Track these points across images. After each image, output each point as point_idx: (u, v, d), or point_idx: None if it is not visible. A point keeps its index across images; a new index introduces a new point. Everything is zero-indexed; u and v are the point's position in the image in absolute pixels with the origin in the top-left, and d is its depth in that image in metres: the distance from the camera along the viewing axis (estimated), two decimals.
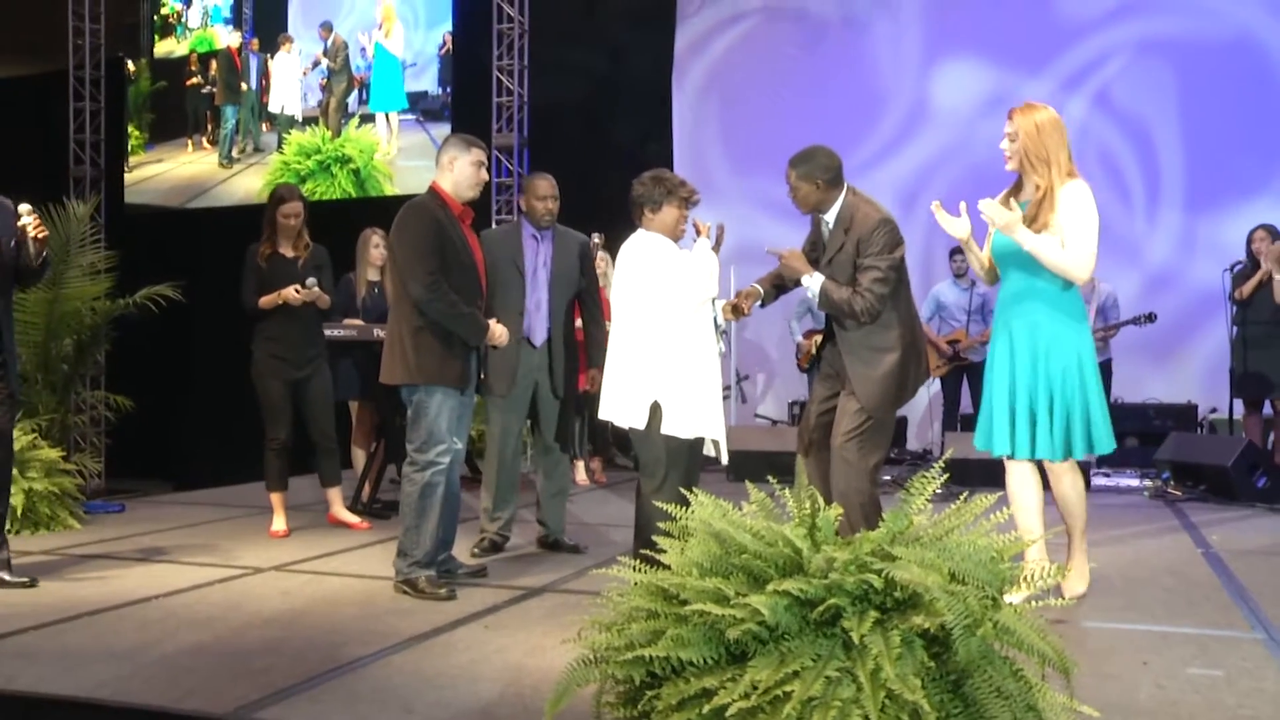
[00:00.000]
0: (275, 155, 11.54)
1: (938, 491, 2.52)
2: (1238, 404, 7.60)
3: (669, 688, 2.22)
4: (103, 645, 3.57)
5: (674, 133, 10.55)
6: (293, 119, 11.49)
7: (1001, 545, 2.39)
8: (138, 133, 12.27)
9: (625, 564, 2.49)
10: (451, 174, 4.38)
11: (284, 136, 11.49)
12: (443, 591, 4.22)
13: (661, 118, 10.54)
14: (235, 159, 11.78)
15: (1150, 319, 7.77)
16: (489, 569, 4.69)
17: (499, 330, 4.44)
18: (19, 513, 5.51)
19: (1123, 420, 8.23)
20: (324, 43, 11.33)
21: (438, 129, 10.61)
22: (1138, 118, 9.10)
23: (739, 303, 4.39)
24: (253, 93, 11.72)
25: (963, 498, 2.51)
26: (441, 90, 10.85)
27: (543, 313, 5.09)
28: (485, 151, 4.49)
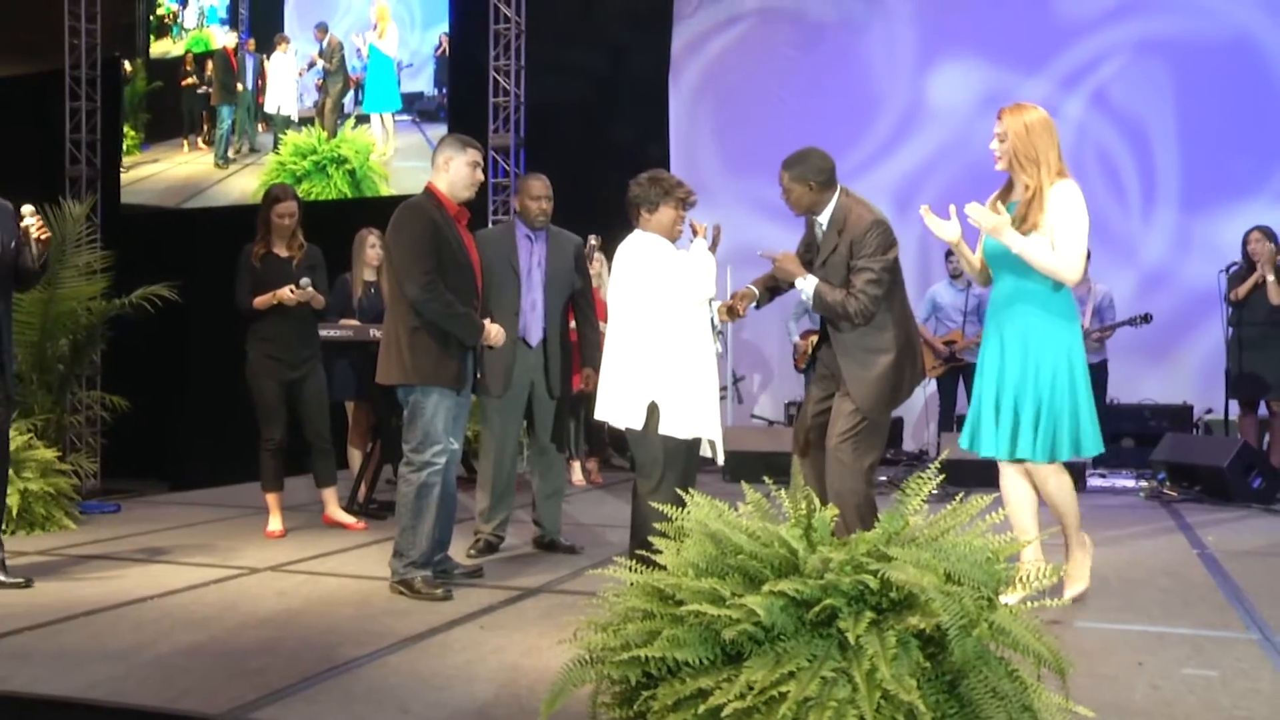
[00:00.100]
0: (271, 156, 11.54)
1: (933, 492, 2.52)
2: (1233, 405, 7.61)
3: (665, 688, 2.23)
4: (98, 645, 3.57)
5: (670, 133, 10.56)
6: (289, 119, 11.49)
7: (997, 546, 2.39)
8: (133, 133, 12.26)
9: (621, 564, 2.49)
10: (447, 174, 4.38)
11: (280, 137, 11.49)
12: (439, 592, 4.22)
13: (658, 119, 10.53)
14: (231, 159, 11.78)
15: (1146, 320, 7.78)
16: (485, 569, 4.69)
17: (495, 330, 4.44)
18: (14, 513, 5.50)
19: (1119, 421, 8.27)
20: (319, 44, 11.32)
21: (433, 130, 10.61)
22: (1135, 118, 9.11)
23: (734, 304, 4.40)
24: (248, 93, 11.72)
25: (958, 498, 2.51)
26: (437, 91, 10.85)
27: (538, 313, 5.09)
28: (481, 152, 4.49)
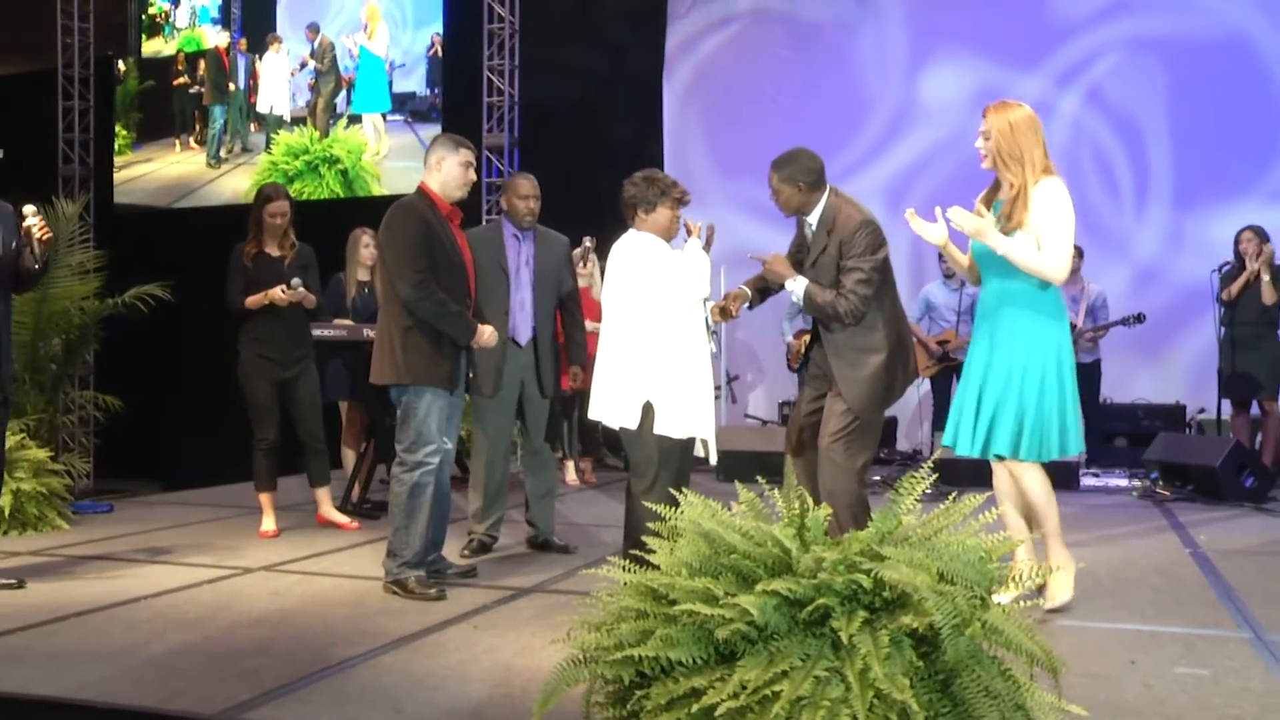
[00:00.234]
0: (263, 155, 11.51)
1: (927, 491, 2.53)
2: (1225, 404, 7.63)
3: (658, 687, 2.23)
4: (91, 646, 3.56)
5: (664, 134, 10.55)
6: (281, 119, 11.46)
7: (990, 545, 2.39)
8: (125, 132, 12.23)
9: (615, 564, 2.49)
10: (439, 174, 4.38)
11: (272, 137, 11.47)
12: (432, 592, 4.21)
13: (652, 119, 10.52)
14: (223, 159, 11.75)
15: (1139, 319, 7.80)
16: (478, 569, 4.69)
17: (488, 331, 4.42)
18: (6, 513, 5.50)
19: (1112, 420, 8.30)
20: (311, 44, 11.31)
21: (426, 129, 10.59)
22: (1129, 115, 9.13)
23: (727, 305, 4.40)
24: (240, 93, 11.69)
25: (951, 498, 2.52)
26: (429, 91, 10.83)
27: (527, 312, 5.07)
28: (474, 152, 4.49)
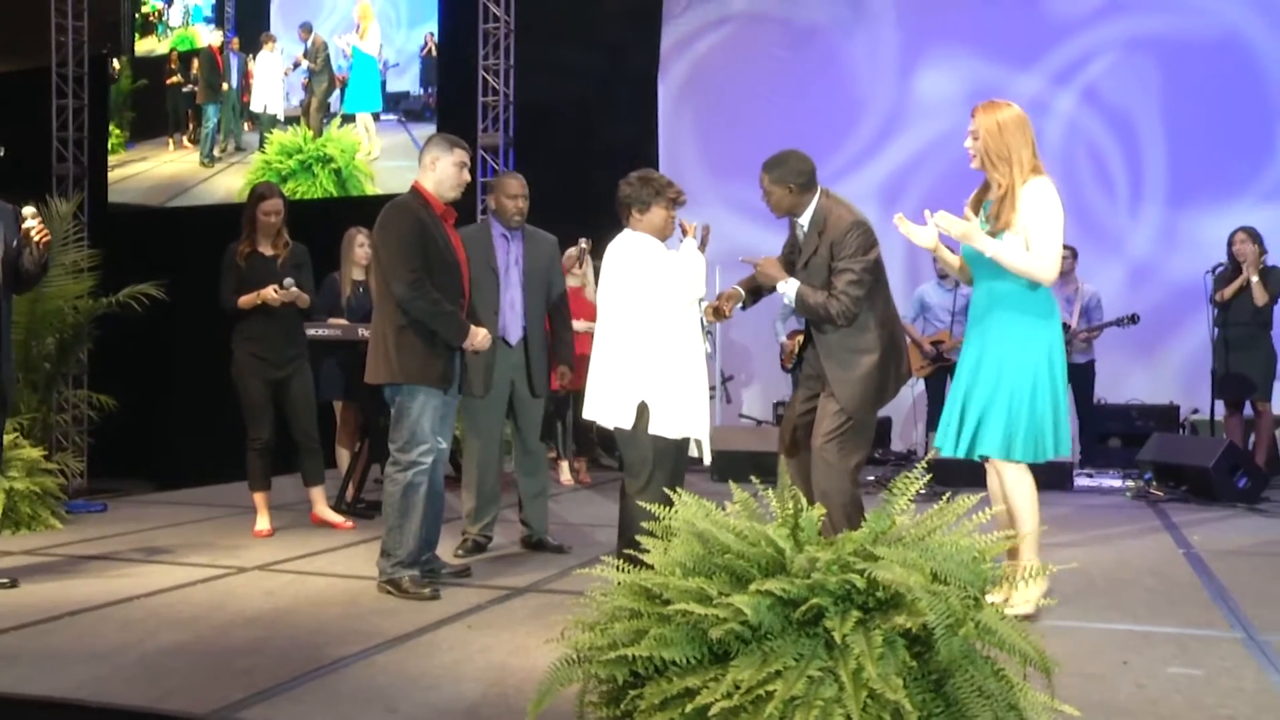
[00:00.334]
0: (257, 154, 11.50)
1: (921, 492, 2.53)
2: (1219, 405, 7.64)
3: (652, 687, 2.23)
4: (84, 645, 3.55)
5: (659, 134, 10.55)
6: (274, 118, 11.45)
7: (984, 545, 2.40)
8: (118, 131, 12.21)
9: (609, 564, 2.49)
10: (434, 174, 4.37)
11: (265, 136, 11.45)
12: (426, 591, 4.21)
13: (648, 119, 10.52)
14: (217, 158, 11.73)
15: (1133, 321, 7.82)
16: (473, 569, 4.69)
17: (481, 334, 4.40)
18: (0, 512, 5.48)
19: (1106, 421, 8.32)
20: (304, 44, 11.29)
21: (419, 129, 10.58)
22: (1124, 114, 9.16)
23: (720, 305, 4.40)
24: (233, 92, 11.68)
25: (945, 498, 2.52)
26: (423, 90, 10.82)
27: (517, 311, 5.06)
28: (468, 152, 4.47)
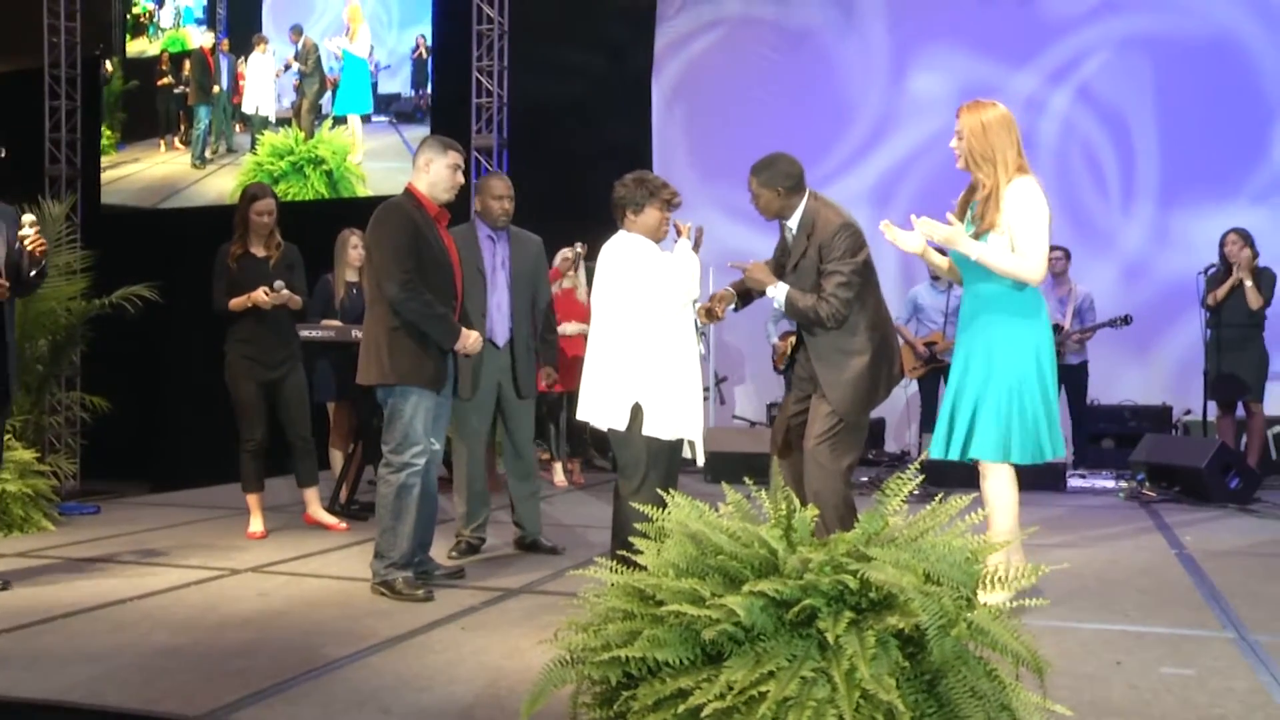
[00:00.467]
0: (248, 156, 11.49)
1: (914, 493, 2.54)
2: (1211, 406, 7.66)
3: (645, 688, 2.23)
4: (77, 648, 3.55)
5: (653, 135, 10.55)
6: (266, 120, 11.44)
7: (976, 546, 2.40)
8: (109, 132, 12.19)
9: (602, 565, 2.50)
10: (427, 176, 4.37)
11: (257, 137, 11.44)
12: (420, 593, 4.21)
13: (641, 120, 10.53)
14: (208, 160, 11.72)
15: (1126, 322, 7.84)
16: (466, 570, 4.69)
17: (473, 337, 4.39)
18: None
19: (1098, 422, 8.34)
20: (295, 46, 11.29)
21: (410, 130, 10.58)
22: (1117, 113, 9.19)
23: (713, 306, 4.41)
24: (224, 94, 11.67)
25: (938, 499, 2.52)
26: (414, 92, 10.80)
27: (504, 313, 5.05)
28: (462, 155, 4.47)
